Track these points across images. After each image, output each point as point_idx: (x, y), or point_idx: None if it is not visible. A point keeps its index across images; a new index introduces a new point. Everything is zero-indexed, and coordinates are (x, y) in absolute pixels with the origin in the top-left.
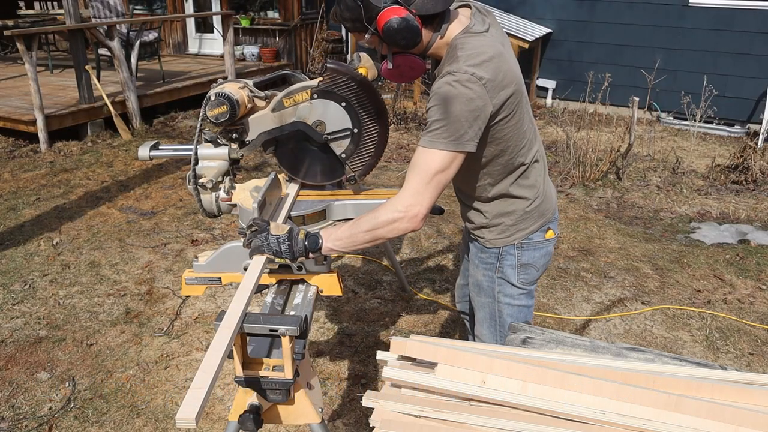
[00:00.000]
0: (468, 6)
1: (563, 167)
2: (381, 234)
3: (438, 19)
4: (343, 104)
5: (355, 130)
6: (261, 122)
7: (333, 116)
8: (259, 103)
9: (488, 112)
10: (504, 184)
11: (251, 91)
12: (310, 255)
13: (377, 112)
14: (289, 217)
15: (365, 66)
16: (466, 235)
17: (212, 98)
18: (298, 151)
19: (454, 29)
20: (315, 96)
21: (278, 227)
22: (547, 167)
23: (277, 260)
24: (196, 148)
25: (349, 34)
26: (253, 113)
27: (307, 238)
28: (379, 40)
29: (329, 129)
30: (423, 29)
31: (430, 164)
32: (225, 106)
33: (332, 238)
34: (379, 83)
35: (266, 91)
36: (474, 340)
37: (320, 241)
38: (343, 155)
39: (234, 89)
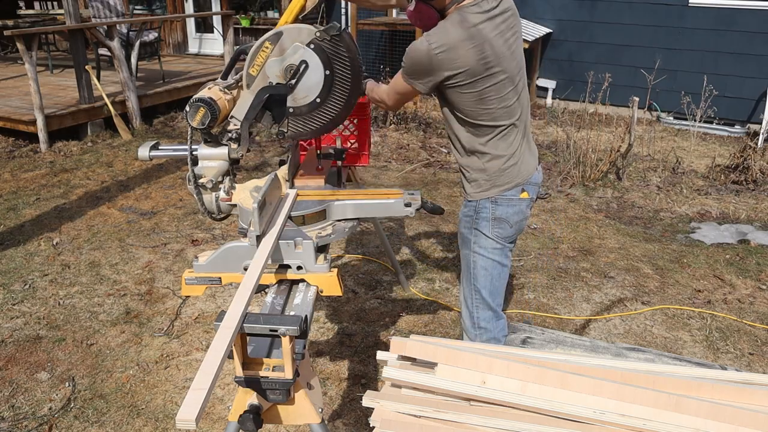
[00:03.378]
0: None
1: (563, 167)
2: (374, 101)
3: None
4: (327, 72)
5: (318, 100)
6: (241, 107)
7: (310, 76)
8: (237, 92)
9: (436, 75)
10: (479, 140)
11: (219, 86)
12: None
13: (348, 99)
14: (289, 218)
15: None
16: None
17: (188, 109)
18: (282, 111)
19: (465, 1)
20: (311, 45)
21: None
22: (530, 138)
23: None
24: (191, 152)
25: (349, 27)
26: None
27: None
28: None
29: (300, 83)
30: None
31: (396, 84)
32: (202, 108)
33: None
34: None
35: (235, 77)
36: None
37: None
38: (292, 110)
39: (204, 92)
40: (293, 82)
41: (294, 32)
